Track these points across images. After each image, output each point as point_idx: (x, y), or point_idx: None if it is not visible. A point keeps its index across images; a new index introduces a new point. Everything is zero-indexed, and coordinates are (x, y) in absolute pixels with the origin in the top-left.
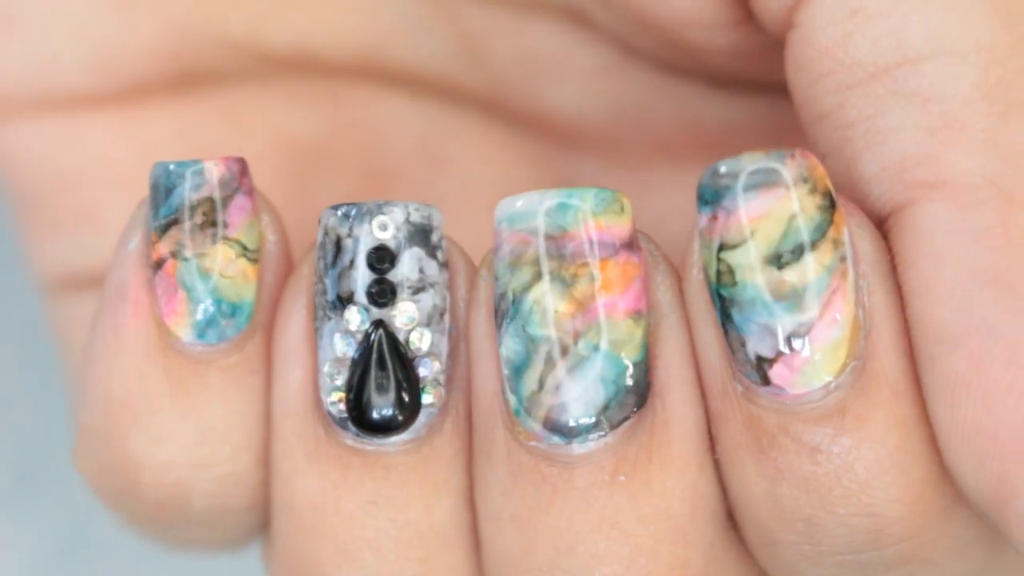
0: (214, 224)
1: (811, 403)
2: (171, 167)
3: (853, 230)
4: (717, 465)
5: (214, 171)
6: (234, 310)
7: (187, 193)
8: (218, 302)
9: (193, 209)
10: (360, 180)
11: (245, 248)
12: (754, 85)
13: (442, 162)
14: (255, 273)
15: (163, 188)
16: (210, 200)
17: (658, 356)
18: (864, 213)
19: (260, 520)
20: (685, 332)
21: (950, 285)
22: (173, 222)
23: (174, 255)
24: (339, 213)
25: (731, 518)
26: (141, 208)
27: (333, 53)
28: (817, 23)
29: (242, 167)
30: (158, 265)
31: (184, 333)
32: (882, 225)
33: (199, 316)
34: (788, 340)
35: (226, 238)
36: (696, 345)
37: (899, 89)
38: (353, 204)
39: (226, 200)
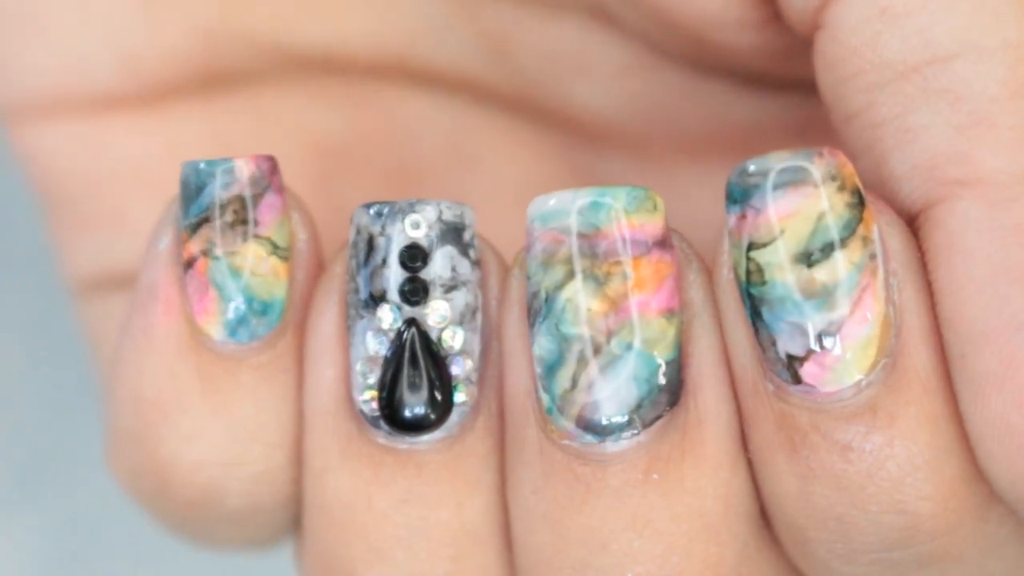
0: (244, 222)
1: (842, 401)
2: (201, 165)
3: (883, 227)
4: (749, 464)
5: (244, 169)
6: (265, 308)
7: (217, 191)
8: (249, 300)
9: (223, 207)
10: (387, 179)
11: (276, 246)
12: (781, 84)
13: (468, 160)
14: (286, 271)
15: (193, 186)
16: (240, 198)
17: (691, 354)
18: (894, 211)
19: (292, 518)
20: (717, 330)
21: (980, 283)
22: (204, 220)
23: (205, 253)
24: (371, 212)
25: (764, 516)
26: (171, 207)
27: (359, 53)
28: (846, 23)
29: (272, 165)
30: (189, 264)
31: (215, 331)
32: (912, 223)
33: (230, 314)
34: (819, 338)
35: (256, 236)
36: (728, 343)
37: (929, 87)
38: (385, 203)
39: (256, 198)
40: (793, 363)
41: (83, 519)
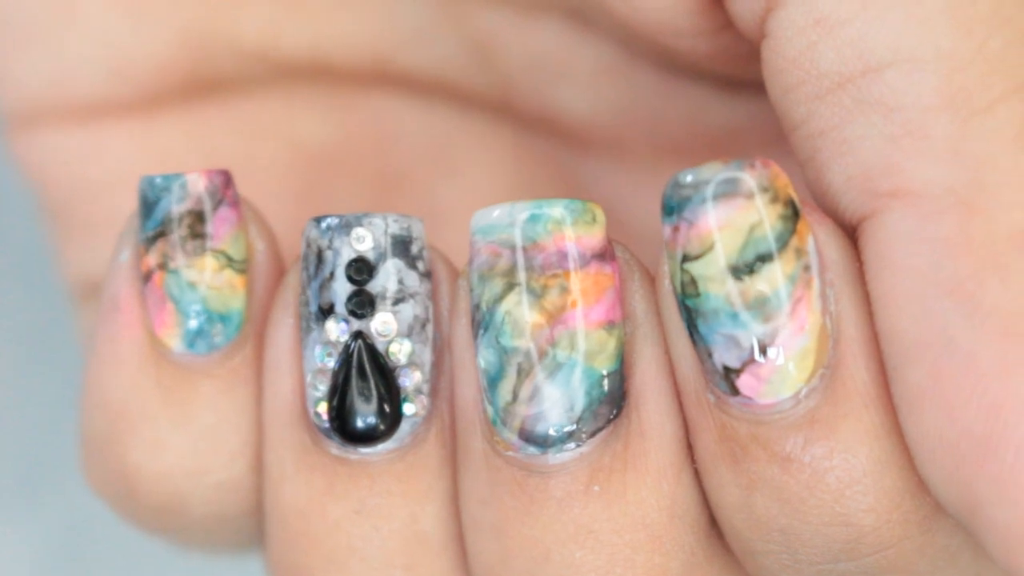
0: (198, 236)
1: (781, 413)
2: (156, 180)
3: (820, 238)
4: (696, 473)
5: (197, 183)
6: (222, 320)
7: (172, 205)
8: (206, 313)
9: (178, 221)
10: (372, 184)
11: (231, 259)
12: (756, 86)
13: (452, 165)
14: (243, 283)
15: (149, 201)
16: (193, 212)
17: (634, 365)
18: (833, 222)
19: (258, 525)
20: (661, 342)
21: (910, 296)
22: (160, 234)
23: (161, 267)
24: (321, 225)
25: (715, 526)
26: (131, 221)
27: (344, 60)
28: (784, 33)
29: (226, 179)
30: (147, 277)
31: (174, 343)
32: (852, 235)
33: (188, 326)
34: (753, 350)
35: (211, 249)
36: (671, 354)
37: (863, 98)
38: (335, 216)
39: (210, 212)
40: (730, 374)
41: (81, 522)
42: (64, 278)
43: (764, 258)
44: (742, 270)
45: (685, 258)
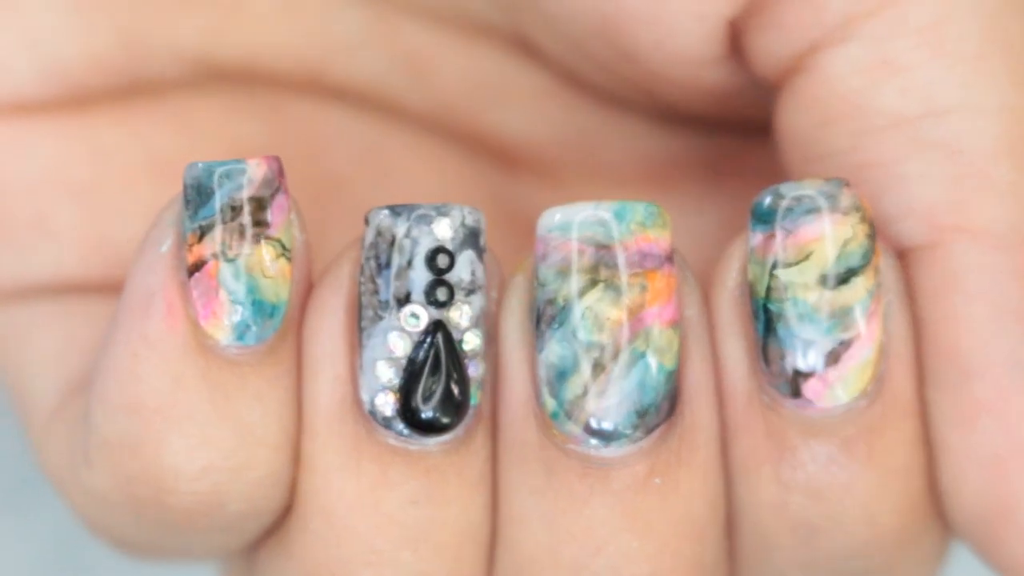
0: (259, 224)
1: (832, 417)
2: (211, 167)
3: (884, 257)
4: (725, 472)
5: (257, 170)
6: (272, 311)
7: (231, 193)
8: (259, 303)
9: (237, 209)
10: (304, 188)
11: (284, 247)
12: (696, 119)
13: (383, 173)
14: (291, 272)
15: (202, 189)
16: (255, 199)
17: (686, 365)
18: (891, 248)
19: (274, 524)
20: (710, 343)
21: (980, 320)
22: (215, 223)
23: (216, 256)
24: (391, 213)
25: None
26: (170, 210)
27: (279, 67)
28: (839, 70)
29: (280, 166)
30: (196, 267)
31: (222, 335)
32: (902, 258)
33: (239, 317)
34: (828, 356)
35: (268, 237)
36: (720, 357)
37: (922, 138)
38: (404, 205)
39: (268, 199)
40: (797, 378)
41: (78, 531)
42: None
43: (853, 271)
44: (833, 281)
45: (776, 265)
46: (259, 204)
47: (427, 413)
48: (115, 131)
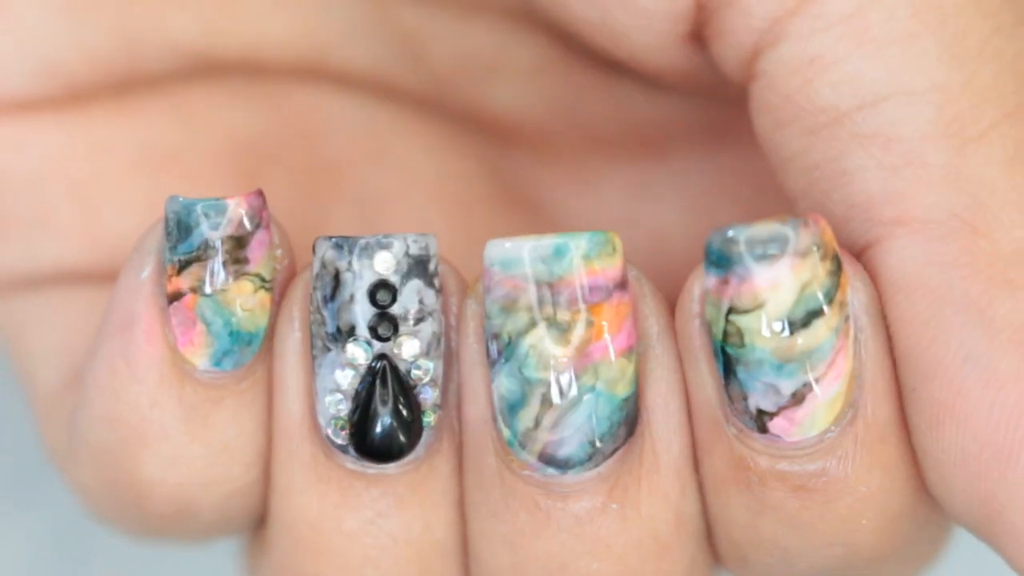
0: (237, 261)
1: (804, 449)
2: (191, 204)
3: (852, 284)
4: (699, 485)
5: (236, 210)
6: (251, 339)
7: (207, 232)
8: (237, 335)
9: (214, 248)
10: (304, 173)
11: (263, 280)
12: (692, 89)
13: (382, 158)
14: (271, 302)
15: (182, 224)
16: (233, 239)
17: (646, 384)
18: (862, 266)
19: (256, 523)
20: (674, 361)
21: (925, 316)
22: (194, 259)
23: (194, 291)
24: (335, 245)
25: (708, 531)
26: (152, 236)
27: (275, 57)
28: (777, 72)
29: (262, 201)
30: (175, 297)
31: (200, 361)
32: (858, 260)
33: (217, 347)
34: (792, 397)
35: (246, 274)
36: (687, 377)
37: (860, 131)
38: (348, 237)
39: (248, 237)
40: (763, 416)
41: (80, 521)
42: None
43: (813, 314)
44: (791, 326)
45: (732, 310)
46: (238, 243)
47: (376, 444)
48: (113, 125)
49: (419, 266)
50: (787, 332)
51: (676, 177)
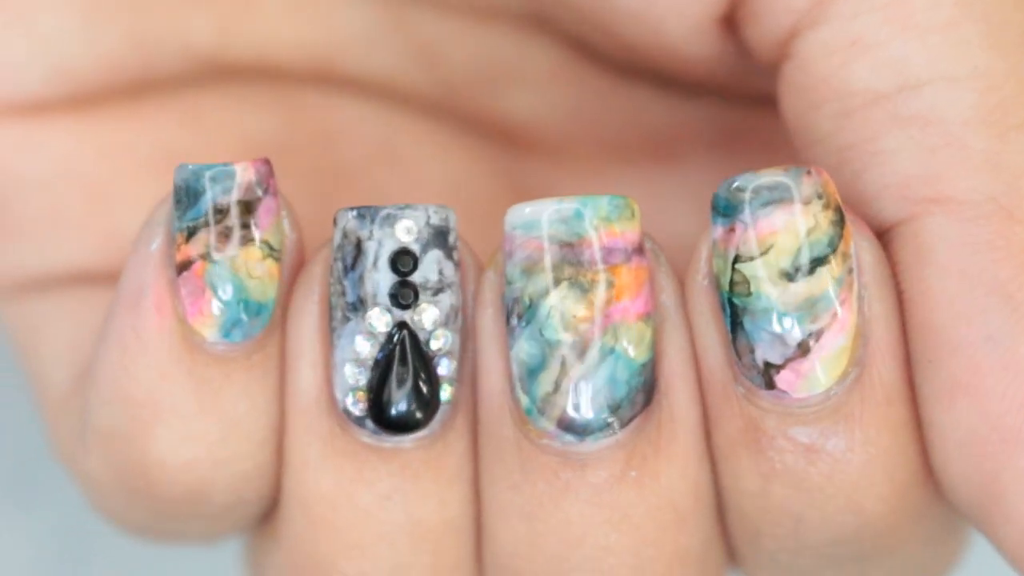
0: (245, 227)
1: (810, 406)
2: (199, 170)
3: (857, 242)
4: (711, 458)
5: (243, 175)
6: (260, 309)
7: (217, 196)
8: (246, 303)
9: (223, 212)
10: (316, 180)
11: (271, 248)
12: (704, 91)
13: (394, 163)
14: (279, 272)
15: (191, 191)
16: (241, 203)
17: (663, 353)
18: (868, 227)
19: (266, 511)
20: (687, 331)
21: (952, 294)
22: (202, 224)
23: (203, 257)
24: (357, 215)
25: (720, 510)
26: (161, 209)
27: (290, 61)
28: (813, 53)
29: (269, 168)
30: (184, 266)
31: (209, 332)
32: (882, 236)
33: (226, 316)
34: (797, 348)
35: (254, 240)
36: (697, 345)
37: (899, 113)
38: (370, 207)
39: (256, 202)
40: (769, 370)
41: (80, 520)
42: None
43: (817, 262)
44: (794, 273)
45: (738, 258)
46: (246, 207)
47: (394, 413)
48: (126, 128)
49: (439, 237)
50: (790, 279)
51: (690, 183)
